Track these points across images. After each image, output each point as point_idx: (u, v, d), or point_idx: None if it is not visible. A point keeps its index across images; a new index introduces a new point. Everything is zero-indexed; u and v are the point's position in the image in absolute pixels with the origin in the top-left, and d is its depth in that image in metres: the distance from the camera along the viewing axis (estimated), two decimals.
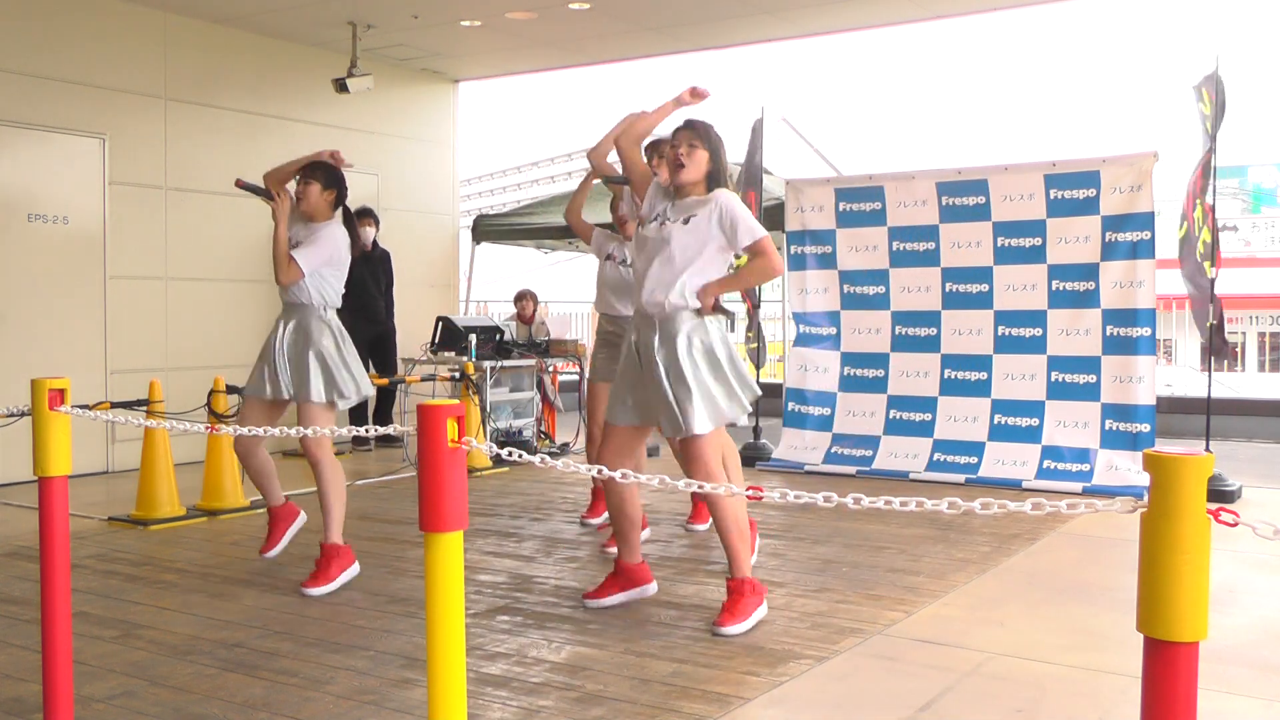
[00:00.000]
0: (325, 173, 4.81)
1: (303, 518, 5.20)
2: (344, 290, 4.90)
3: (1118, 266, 7.07)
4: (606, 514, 5.43)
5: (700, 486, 2.45)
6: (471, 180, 16.53)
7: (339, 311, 4.87)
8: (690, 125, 4.22)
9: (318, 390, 4.69)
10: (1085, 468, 7.02)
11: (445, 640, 2.13)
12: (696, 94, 4.21)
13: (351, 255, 4.84)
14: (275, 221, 4.74)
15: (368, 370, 5.45)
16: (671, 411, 4.03)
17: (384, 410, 9.34)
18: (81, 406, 3.09)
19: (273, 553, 5.08)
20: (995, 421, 7.41)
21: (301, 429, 3.08)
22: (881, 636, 3.95)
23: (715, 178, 4.20)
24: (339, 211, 4.89)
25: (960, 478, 7.20)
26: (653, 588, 4.42)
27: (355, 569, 4.74)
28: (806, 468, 7.77)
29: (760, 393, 4.33)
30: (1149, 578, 1.63)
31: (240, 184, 4.86)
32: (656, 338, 4.11)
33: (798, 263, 8.16)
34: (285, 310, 4.81)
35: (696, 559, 5.19)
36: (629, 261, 5.32)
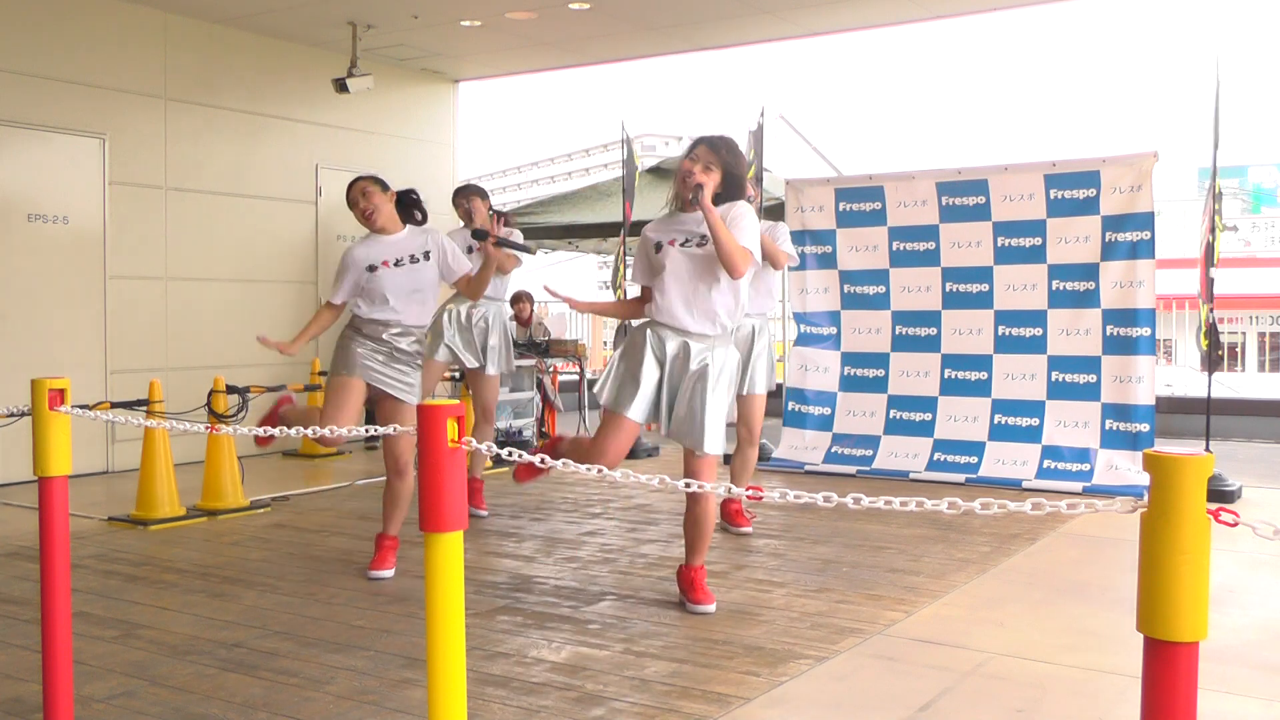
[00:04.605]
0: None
1: None
2: None
3: (1118, 266, 7.07)
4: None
5: (700, 486, 2.46)
6: (471, 180, 16.56)
7: None
8: (707, 143, 4.21)
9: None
10: (1085, 468, 7.03)
11: (445, 640, 2.12)
12: None
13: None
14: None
15: None
16: (701, 429, 4.11)
17: None
18: (81, 406, 3.09)
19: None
20: (995, 421, 7.41)
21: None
22: (881, 636, 3.95)
23: (729, 193, 4.19)
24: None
25: (960, 477, 7.20)
26: None
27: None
28: (806, 467, 7.77)
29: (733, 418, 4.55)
30: (1149, 578, 1.63)
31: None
32: (694, 356, 4.16)
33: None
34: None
35: None
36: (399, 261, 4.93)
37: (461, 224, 6.23)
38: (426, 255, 4.95)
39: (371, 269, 4.88)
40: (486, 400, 6.17)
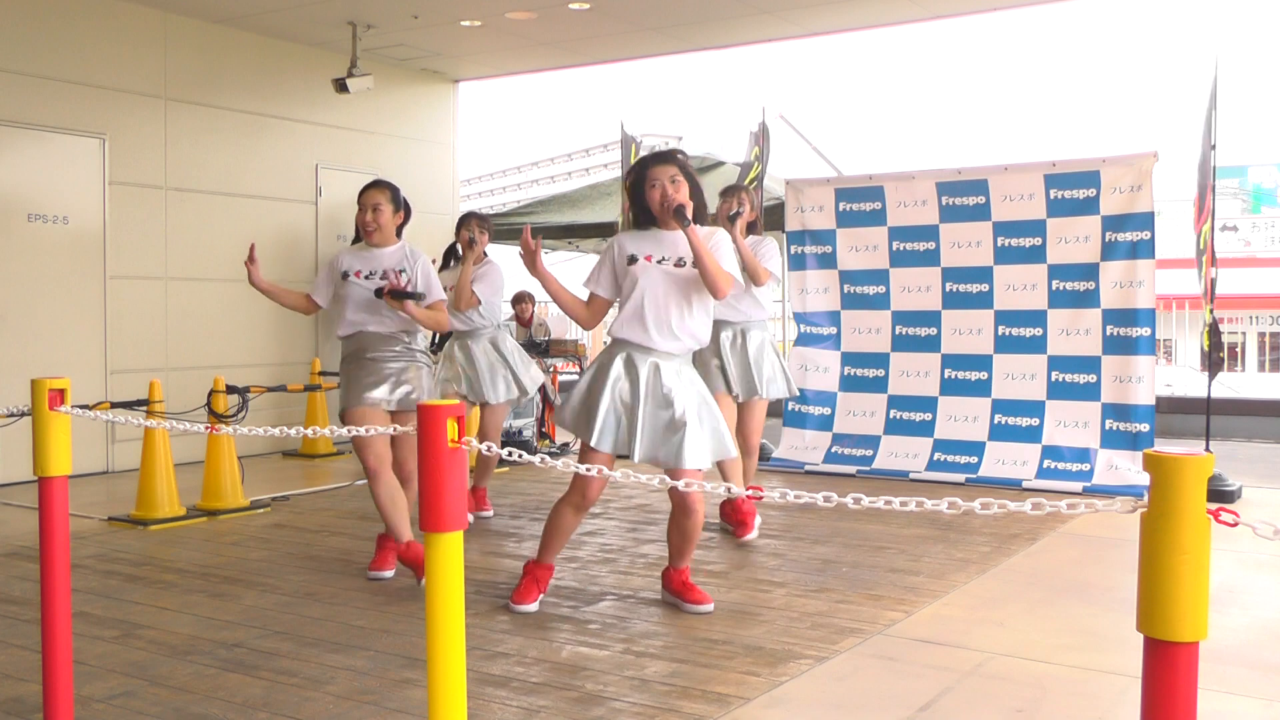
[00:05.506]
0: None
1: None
2: None
3: (1118, 266, 7.07)
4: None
5: (700, 486, 2.46)
6: (471, 180, 16.52)
7: None
8: (667, 158, 4.15)
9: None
10: (1085, 467, 7.02)
11: (445, 640, 2.13)
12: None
13: None
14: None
15: None
16: (695, 442, 4.04)
17: None
18: (81, 406, 3.09)
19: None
20: (995, 421, 7.41)
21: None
22: (881, 636, 3.95)
23: (698, 204, 4.13)
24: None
25: (960, 477, 7.20)
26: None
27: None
28: (807, 468, 7.77)
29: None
30: (1149, 578, 1.63)
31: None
32: (671, 373, 4.09)
33: (798, 263, 8.16)
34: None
35: (696, 560, 5.18)
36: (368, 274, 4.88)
37: (459, 247, 6.27)
38: (399, 274, 4.91)
39: (344, 276, 4.90)
40: (488, 429, 6.16)
